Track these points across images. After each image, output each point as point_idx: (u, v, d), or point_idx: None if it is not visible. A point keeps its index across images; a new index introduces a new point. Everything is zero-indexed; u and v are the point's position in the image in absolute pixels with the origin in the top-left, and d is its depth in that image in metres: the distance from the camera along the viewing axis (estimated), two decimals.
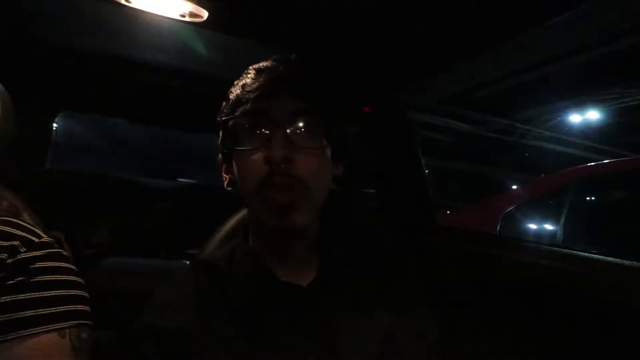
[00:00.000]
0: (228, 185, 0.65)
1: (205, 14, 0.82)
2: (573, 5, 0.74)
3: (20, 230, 0.53)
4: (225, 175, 0.65)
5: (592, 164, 2.46)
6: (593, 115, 6.00)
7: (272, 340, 0.56)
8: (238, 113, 0.59)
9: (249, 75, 0.61)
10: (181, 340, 0.54)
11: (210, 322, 0.56)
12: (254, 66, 0.62)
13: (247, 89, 0.59)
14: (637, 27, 3.11)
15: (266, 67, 0.60)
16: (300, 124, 0.58)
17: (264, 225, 0.59)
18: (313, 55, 0.99)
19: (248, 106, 0.58)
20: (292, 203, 0.56)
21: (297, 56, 0.64)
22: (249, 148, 0.57)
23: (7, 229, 0.52)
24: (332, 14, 0.83)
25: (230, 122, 0.60)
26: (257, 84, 0.58)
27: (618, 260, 0.77)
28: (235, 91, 0.61)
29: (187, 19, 0.84)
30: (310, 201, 0.58)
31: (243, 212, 0.89)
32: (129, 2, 0.80)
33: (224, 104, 0.64)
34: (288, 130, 0.56)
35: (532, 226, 2.40)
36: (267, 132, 0.57)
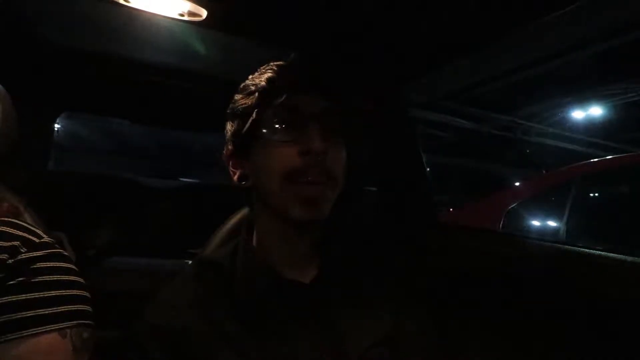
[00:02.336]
0: (240, 179, 0.64)
1: (204, 13, 0.82)
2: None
3: (20, 231, 0.53)
4: (234, 170, 0.65)
5: (595, 159, 2.45)
6: (596, 111, 5.97)
7: (277, 337, 0.56)
8: (268, 107, 0.60)
9: (270, 71, 0.62)
10: (186, 340, 0.55)
11: (214, 321, 0.56)
12: (275, 63, 0.63)
13: (277, 83, 0.60)
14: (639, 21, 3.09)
15: (291, 64, 0.63)
16: (330, 121, 0.60)
17: (287, 216, 0.59)
18: (313, 54, 0.99)
19: (282, 99, 0.59)
20: (320, 197, 0.58)
21: (319, 55, 0.67)
22: (283, 140, 0.58)
23: (8, 229, 0.52)
24: (331, 12, 0.83)
25: (259, 114, 0.60)
26: (288, 79, 0.60)
27: (622, 256, 0.76)
28: (259, 83, 0.61)
29: (186, 18, 0.84)
30: (334, 194, 0.61)
31: (245, 211, 0.89)
32: (128, 1, 0.80)
33: (239, 96, 0.64)
34: (322, 124, 0.59)
35: (535, 223, 2.39)
36: (301, 126, 0.58)
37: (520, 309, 0.88)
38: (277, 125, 0.59)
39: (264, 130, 0.60)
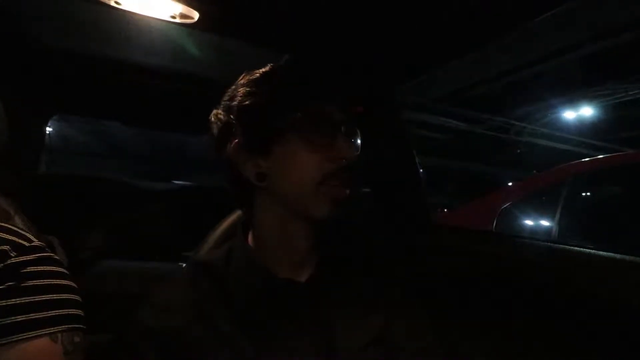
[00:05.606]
0: (258, 178, 0.61)
1: (196, 15, 0.82)
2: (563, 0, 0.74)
3: (10, 235, 0.53)
4: (248, 167, 0.62)
5: (586, 159, 2.48)
6: (587, 111, 6.05)
7: (273, 336, 0.56)
8: (303, 110, 0.60)
9: (295, 72, 0.65)
10: (181, 340, 0.55)
11: (209, 321, 0.56)
12: (291, 66, 0.68)
13: (303, 91, 0.62)
14: (629, 23, 3.14)
15: (308, 71, 0.66)
16: (352, 127, 0.66)
17: (308, 215, 0.60)
18: (305, 55, 0.99)
19: (315, 106, 0.61)
20: (345, 198, 0.61)
21: (338, 64, 0.71)
22: (316, 146, 0.60)
23: None
24: (323, 13, 0.83)
25: (289, 117, 0.60)
26: (313, 86, 0.63)
27: (612, 254, 0.77)
28: (268, 91, 0.61)
29: (178, 20, 0.84)
30: None
31: (238, 213, 0.89)
32: (119, 3, 0.80)
33: (253, 99, 0.61)
34: (349, 132, 0.64)
35: (528, 223, 2.41)
36: (331, 132, 0.61)
37: (513, 308, 0.89)
38: (310, 132, 0.60)
39: (297, 134, 0.60)
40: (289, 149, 0.60)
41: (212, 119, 0.66)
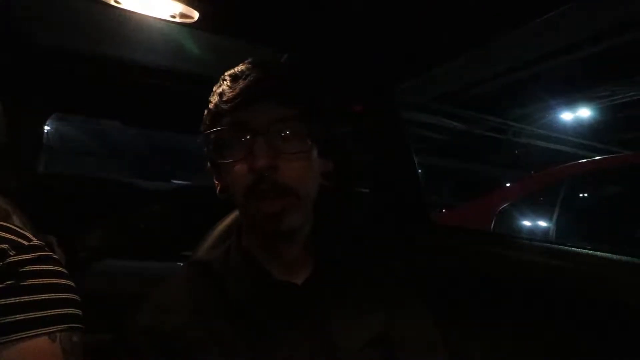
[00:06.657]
0: (220, 191, 0.65)
1: (196, 15, 0.82)
2: (563, 2, 0.74)
3: (9, 234, 0.53)
4: (216, 182, 0.65)
5: (584, 160, 2.49)
6: (584, 112, 6.06)
7: (270, 338, 0.56)
8: (218, 126, 0.59)
9: (225, 83, 0.60)
10: (179, 340, 0.55)
11: (207, 322, 0.56)
12: (230, 72, 0.61)
13: (224, 99, 0.58)
14: (627, 25, 3.15)
15: (242, 73, 0.59)
16: (282, 130, 0.57)
17: (259, 230, 0.60)
18: (304, 55, 0.99)
19: (227, 118, 0.58)
20: (281, 210, 0.57)
21: (273, 59, 0.64)
22: (233, 160, 0.58)
23: None
24: (323, 13, 0.83)
25: (212, 135, 0.60)
26: (233, 93, 0.57)
27: (610, 255, 0.78)
28: (214, 100, 0.61)
29: (177, 19, 0.84)
30: (300, 204, 0.59)
31: (237, 213, 0.89)
32: (119, 3, 0.80)
33: (205, 113, 0.63)
34: (270, 138, 0.56)
35: (526, 223, 2.42)
36: (249, 141, 0.56)
37: (511, 307, 0.89)
38: (228, 144, 0.58)
39: (220, 150, 0.59)
40: (225, 164, 0.60)
41: None
